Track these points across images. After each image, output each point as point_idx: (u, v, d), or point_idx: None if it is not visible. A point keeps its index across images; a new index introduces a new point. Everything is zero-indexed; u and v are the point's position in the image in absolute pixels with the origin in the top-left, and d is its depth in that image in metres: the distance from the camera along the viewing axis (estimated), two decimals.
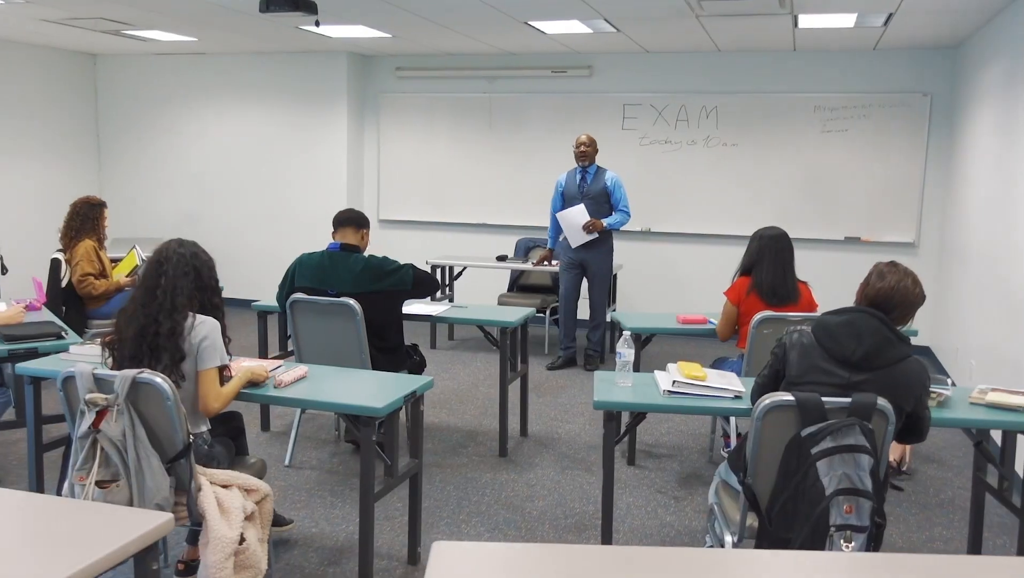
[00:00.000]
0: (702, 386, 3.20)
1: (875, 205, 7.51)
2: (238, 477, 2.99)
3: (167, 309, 2.90)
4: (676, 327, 4.70)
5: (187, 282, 2.97)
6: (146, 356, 2.88)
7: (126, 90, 9.27)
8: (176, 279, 2.95)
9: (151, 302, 2.92)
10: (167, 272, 2.96)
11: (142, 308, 2.93)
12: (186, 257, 3.01)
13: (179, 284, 2.95)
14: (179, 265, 2.98)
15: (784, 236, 4.34)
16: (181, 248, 3.03)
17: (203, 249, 3.10)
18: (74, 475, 2.74)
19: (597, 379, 3.43)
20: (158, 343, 2.88)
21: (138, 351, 2.90)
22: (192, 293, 2.98)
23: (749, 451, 2.72)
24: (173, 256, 3.00)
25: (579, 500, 4.20)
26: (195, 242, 3.10)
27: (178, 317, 2.91)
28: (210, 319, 3.00)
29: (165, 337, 2.88)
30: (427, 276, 4.47)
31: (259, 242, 8.99)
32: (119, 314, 3.01)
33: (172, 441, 2.79)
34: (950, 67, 7.21)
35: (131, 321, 2.94)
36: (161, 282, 2.94)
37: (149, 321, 2.90)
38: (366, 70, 8.78)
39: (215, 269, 3.09)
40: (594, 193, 6.54)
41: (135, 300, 2.98)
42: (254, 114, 8.89)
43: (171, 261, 2.98)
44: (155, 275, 2.97)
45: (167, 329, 2.88)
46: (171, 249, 3.02)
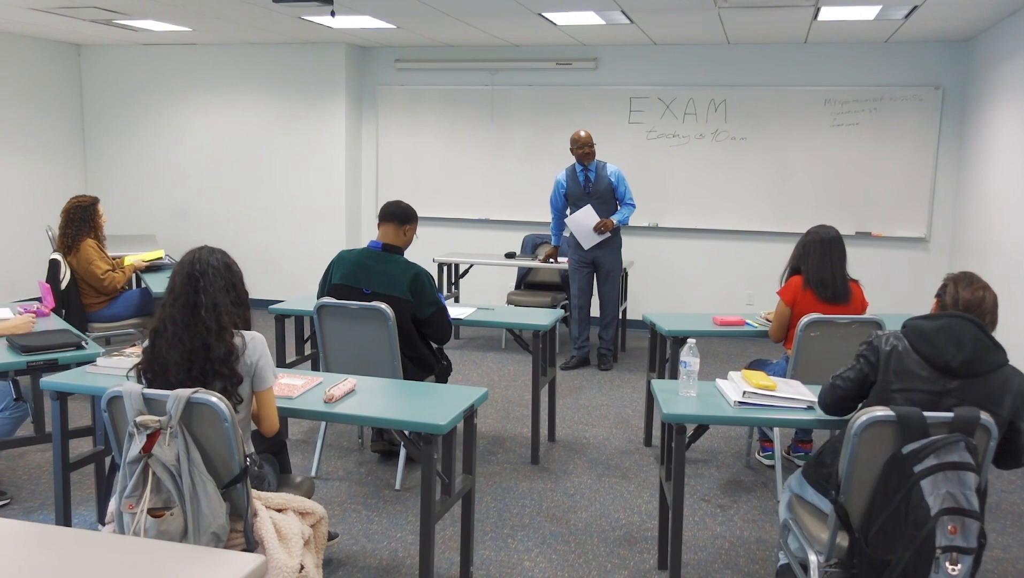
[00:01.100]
0: (773, 396, 3.06)
1: (886, 200, 7.44)
2: (292, 499, 2.80)
3: (215, 331, 2.65)
4: (713, 329, 4.56)
5: (226, 298, 2.70)
6: (194, 383, 2.64)
7: (112, 81, 8.95)
8: (216, 295, 2.68)
9: (196, 323, 2.65)
10: (205, 288, 2.68)
11: (185, 329, 2.65)
12: (221, 270, 2.73)
13: (220, 301, 2.68)
14: (216, 279, 2.70)
15: (832, 232, 4.23)
16: (213, 258, 2.74)
17: (227, 255, 2.82)
18: (123, 503, 2.53)
19: (658, 389, 3.28)
20: (211, 369, 2.64)
21: (186, 377, 2.64)
22: (231, 311, 2.72)
23: (843, 468, 2.59)
24: (208, 269, 2.71)
25: (623, 510, 4.06)
26: (223, 252, 2.84)
27: (228, 337, 2.66)
28: (258, 335, 2.79)
29: (219, 362, 2.64)
30: (446, 325, 4.20)
31: (252, 239, 8.73)
32: (153, 336, 2.73)
33: (227, 465, 2.59)
34: (962, 61, 7.14)
35: (174, 345, 2.65)
36: (202, 300, 2.67)
37: (197, 345, 2.64)
38: (364, 62, 8.55)
39: (243, 281, 2.84)
40: (600, 191, 6.38)
41: (174, 321, 2.68)
42: (247, 107, 8.62)
43: (207, 275, 2.70)
44: (192, 291, 2.69)
45: (221, 353, 2.64)
46: (204, 260, 2.73)
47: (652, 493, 4.26)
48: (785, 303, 4.23)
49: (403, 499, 4.14)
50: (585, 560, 3.56)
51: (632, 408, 5.69)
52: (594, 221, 6.31)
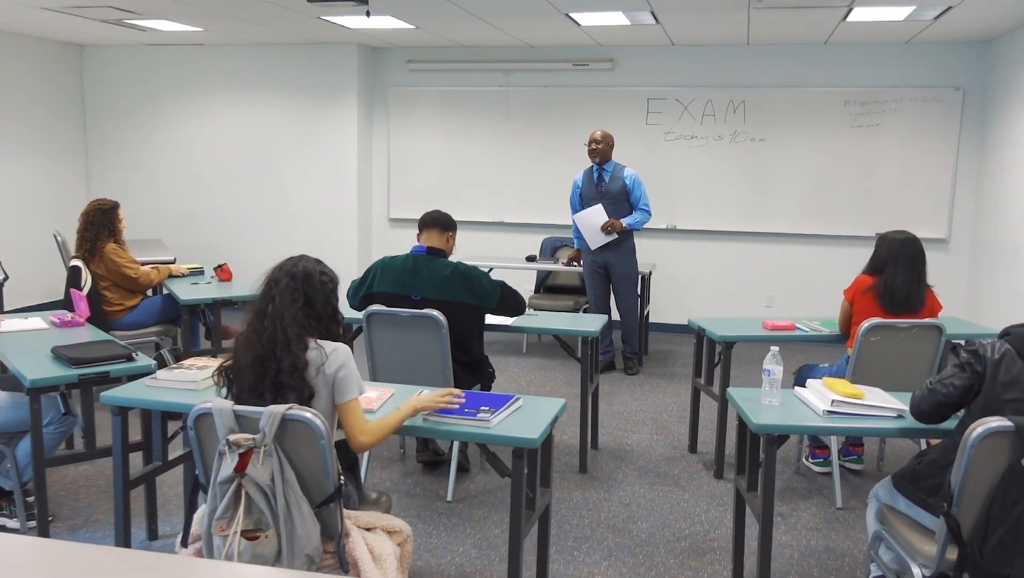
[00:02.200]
0: (862, 405, 3.00)
1: (906, 201, 7.43)
2: (380, 518, 2.70)
3: (282, 342, 2.55)
4: (763, 334, 4.49)
5: (295, 311, 2.59)
6: (268, 391, 2.54)
7: (116, 82, 8.76)
8: (283, 307, 2.58)
9: (263, 330, 2.57)
10: (275, 298, 2.60)
11: (255, 335, 2.58)
12: (296, 282, 2.62)
13: (286, 313, 2.57)
14: (287, 292, 2.60)
15: (915, 241, 4.14)
16: (295, 270, 2.64)
17: (324, 270, 2.70)
18: (214, 525, 2.42)
19: (739, 398, 3.20)
20: (280, 380, 2.54)
21: (258, 383, 2.55)
22: (303, 322, 2.60)
23: (957, 480, 2.52)
24: (283, 279, 2.62)
25: (683, 520, 3.98)
26: (318, 261, 2.73)
27: (296, 350, 2.55)
28: (342, 345, 2.67)
29: (287, 374, 2.53)
30: (516, 295, 4.20)
31: (262, 243, 8.58)
32: (236, 337, 2.67)
33: (321, 484, 2.48)
34: (982, 62, 7.14)
35: (247, 348, 2.59)
36: (268, 309, 2.59)
37: (267, 353, 2.54)
38: (375, 62, 8.43)
39: (334, 294, 2.72)
40: (612, 193, 6.30)
41: (250, 325, 2.63)
42: (256, 109, 8.47)
43: (280, 283, 2.61)
44: (264, 299, 2.62)
45: (288, 365, 2.53)
46: (284, 268, 2.65)
47: (708, 501, 4.19)
48: (846, 300, 4.20)
49: (457, 511, 4.04)
50: (657, 573, 3.47)
51: (668, 413, 5.62)
52: (602, 220, 6.23)
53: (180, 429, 3.42)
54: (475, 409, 2.89)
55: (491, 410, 2.87)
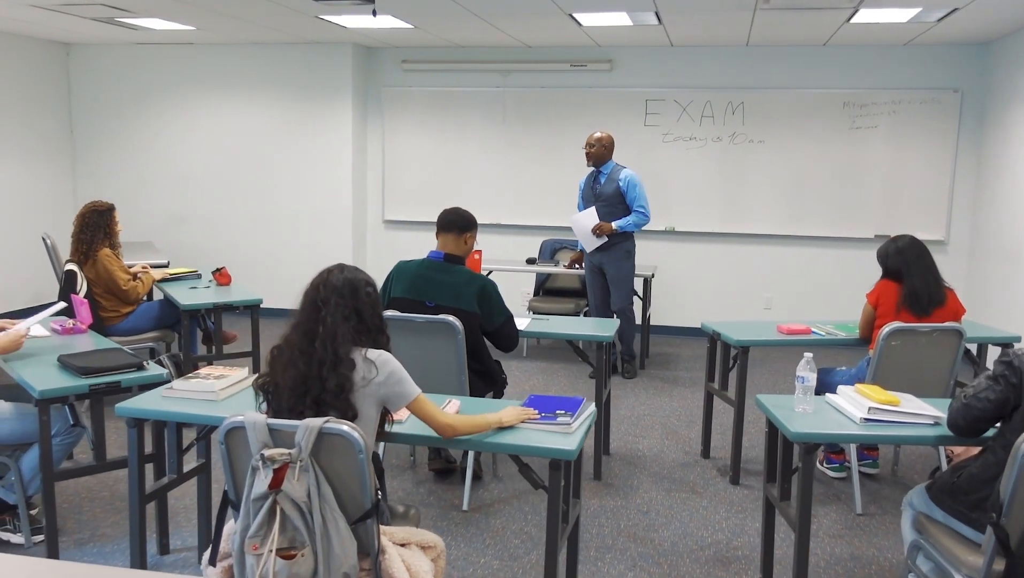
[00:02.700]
0: (899, 412, 2.95)
1: (905, 203, 7.43)
2: (415, 533, 2.61)
3: (330, 361, 2.46)
4: (779, 338, 4.44)
5: (348, 328, 2.51)
6: (309, 410, 2.45)
7: (103, 82, 8.59)
8: (336, 325, 2.49)
9: (311, 351, 2.48)
10: (325, 318, 2.50)
11: (300, 354, 2.49)
12: (346, 296, 2.54)
13: (339, 330, 2.49)
14: (339, 308, 2.52)
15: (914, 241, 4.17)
16: (340, 285, 2.55)
17: (367, 280, 2.62)
18: (247, 543, 2.33)
19: (771, 405, 3.14)
20: (324, 399, 2.45)
21: (298, 403, 2.46)
22: (354, 338, 2.53)
23: (1007, 491, 2.48)
24: (332, 296, 2.53)
25: (704, 528, 3.92)
26: (356, 268, 2.64)
27: (344, 370, 2.47)
28: (386, 354, 2.58)
29: (331, 394, 2.45)
30: (515, 333, 4.07)
31: (254, 246, 8.45)
32: (273, 352, 2.57)
33: (358, 499, 2.39)
34: (981, 64, 7.15)
35: (288, 366, 2.49)
36: (319, 330, 2.49)
37: (311, 372, 2.46)
38: (369, 62, 8.32)
39: (379, 302, 2.65)
40: (607, 195, 6.21)
41: (291, 343, 2.52)
42: (248, 109, 8.33)
43: (329, 303, 2.52)
44: (312, 317, 2.52)
45: (333, 385, 2.44)
46: (330, 284, 2.55)
47: (728, 509, 4.14)
48: (869, 302, 4.18)
49: (474, 520, 3.95)
50: None
51: (676, 417, 5.57)
52: (592, 223, 6.17)
53: (195, 440, 3.31)
54: (551, 413, 2.82)
55: (568, 414, 2.81)
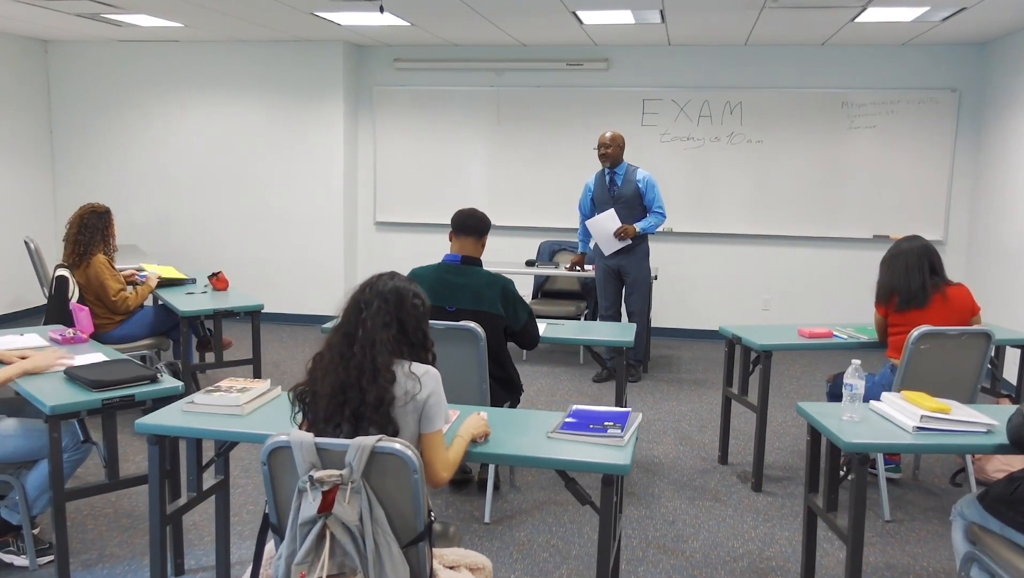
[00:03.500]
0: (953, 420, 2.87)
1: (903, 202, 7.42)
2: (464, 555, 2.50)
3: (369, 371, 2.32)
4: (801, 342, 4.36)
5: (387, 336, 2.37)
6: (347, 422, 2.32)
7: (83, 80, 8.34)
8: (375, 332, 2.35)
9: (349, 356, 2.34)
10: (365, 322, 2.37)
11: (340, 359, 2.35)
12: (391, 302, 2.41)
13: (378, 338, 2.35)
14: (379, 315, 2.37)
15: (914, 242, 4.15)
16: (386, 290, 2.42)
17: (416, 292, 2.48)
18: (294, 570, 2.18)
19: (816, 413, 3.05)
20: (363, 412, 2.31)
21: (336, 413, 2.33)
22: (394, 348, 2.39)
23: None
24: (374, 300, 2.39)
25: (734, 538, 3.83)
26: (409, 279, 2.50)
27: (383, 382, 2.32)
28: (432, 370, 2.45)
29: (371, 407, 2.31)
30: (536, 330, 3.99)
31: (243, 248, 8.25)
32: (314, 360, 2.43)
33: (410, 521, 2.26)
34: (978, 64, 7.15)
35: (328, 373, 2.36)
36: (359, 334, 2.36)
37: (350, 381, 2.32)
38: (360, 61, 8.15)
39: (426, 318, 2.50)
40: (626, 196, 6.14)
41: (332, 348, 2.39)
42: (236, 108, 8.12)
43: (372, 306, 2.38)
44: (353, 322, 2.39)
45: (373, 398, 2.30)
46: (376, 288, 2.42)
47: (754, 517, 4.05)
48: (879, 313, 4.14)
49: (498, 533, 3.83)
50: None
51: (687, 422, 5.48)
52: (615, 226, 6.07)
53: (215, 457, 3.15)
54: (600, 425, 2.71)
55: (618, 426, 2.69)
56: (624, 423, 2.76)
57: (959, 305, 4.11)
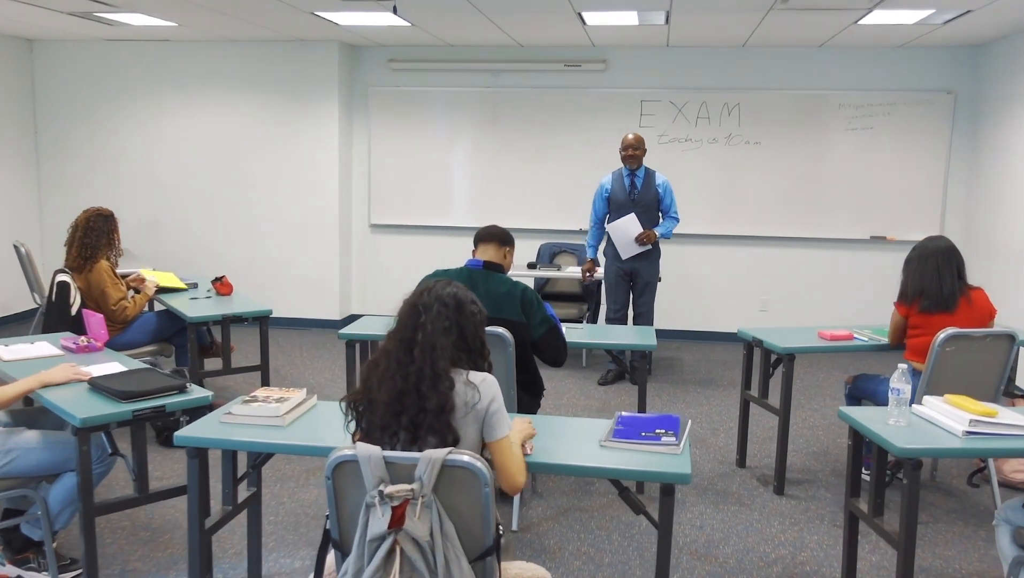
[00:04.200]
0: (1002, 424, 2.86)
1: (899, 204, 7.47)
2: (527, 568, 2.44)
3: (429, 377, 2.26)
4: (823, 344, 4.36)
5: (447, 342, 2.32)
6: (404, 431, 2.26)
7: (70, 80, 8.16)
8: (435, 337, 2.30)
9: (408, 362, 2.28)
10: (425, 326, 2.31)
11: (398, 367, 2.29)
12: (450, 307, 2.36)
13: (438, 343, 2.30)
14: (439, 319, 2.32)
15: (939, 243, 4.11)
16: (445, 294, 2.37)
17: (474, 299, 2.44)
18: None
19: (863, 418, 3.04)
20: (423, 421, 2.24)
21: (392, 421, 2.26)
22: (453, 357, 2.34)
23: None
24: (433, 304, 2.34)
25: (763, 543, 3.81)
26: (464, 288, 2.45)
27: (443, 389, 2.26)
28: (491, 377, 2.40)
29: (432, 415, 2.24)
30: (563, 344, 3.81)
31: (234, 252, 8.11)
32: (369, 367, 2.37)
33: (478, 535, 2.20)
34: (974, 66, 7.21)
35: (385, 380, 2.29)
36: (418, 338, 2.30)
37: (408, 388, 2.25)
38: (355, 61, 8.05)
39: (483, 326, 2.44)
40: (646, 201, 6.15)
41: (388, 354, 2.34)
42: (228, 109, 7.99)
43: (431, 310, 2.33)
44: (411, 326, 2.33)
45: (434, 405, 2.24)
46: (434, 294, 2.37)
47: (780, 521, 4.04)
48: (899, 313, 4.10)
49: (528, 542, 3.77)
50: None
51: (700, 425, 5.46)
52: (637, 231, 6.06)
53: (250, 469, 3.07)
54: (652, 433, 2.66)
55: (671, 433, 2.65)
56: (676, 430, 2.72)
57: (981, 308, 4.12)
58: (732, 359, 7.21)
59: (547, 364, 3.90)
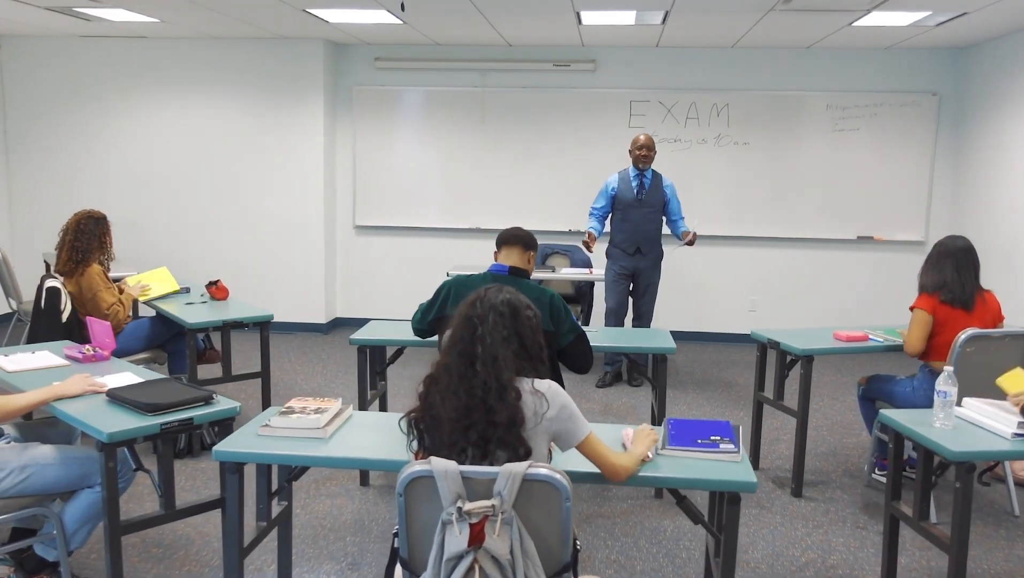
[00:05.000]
0: None
1: (886, 204, 7.54)
2: None
3: (495, 390, 2.18)
4: (840, 346, 4.35)
5: (508, 352, 2.24)
6: (473, 448, 2.17)
7: (41, 78, 7.88)
8: (495, 348, 2.22)
9: (471, 376, 2.20)
10: (483, 338, 2.23)
11: (461, 381, 2.20)
12: (506, 316, 2.27)
13: (500, 354, 2.21)
14: (497, 329, 2.24)
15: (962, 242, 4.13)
16: (499, 303, 2.28)
17: (527, 303, 2.34)
18: None
19: (908, 421, 3.02)
20: (492, 435, 2.16)
21: (460, 437, 2.18)
22: (516, 366, 2.25)
23: None
24: (488, 315, 2.26)
25: (790, 546, 3.78)
26: (515, 291, 2.37)
27: (510, 400, 2.18)
28: (553, 383, 2.32)
29: (503, 428, 2.16)
30: (589, 351, 3.68)
31: (215, 254, 7.91)
32: (427, 383, 2.28)
33: (554, 552, 2.13)
34: (958, 68, 7.30)
35: (448, 396, 2.20)
36: (478, 351, 2.22)
37: (475, 402, 2.17)
38: (339, 59, 7.89)
39: (540, 331, 2.35)
40: (652, 202, 6.15)
41: (449, 370, 2.24)
42: (207, 108, 7.78)
43: (487, 321, 2.25)
44: (469, 339, 2.24)
45: (504, 418, 2.16)
46: (487, 302, 2.28)
47: (804, 524, 4.01)
48: (926, 312, 4.07)
49: None
50: None
51: None
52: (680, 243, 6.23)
53: (285, 482, 2.94)
54: (706, 438, 2.60)
55: (729, 440, 2.59)
56: (732, 436, 2.67)
57: (994, 310, 4.15)
58: (725, 359, 7.22)
59: (573, 371, 3.81)
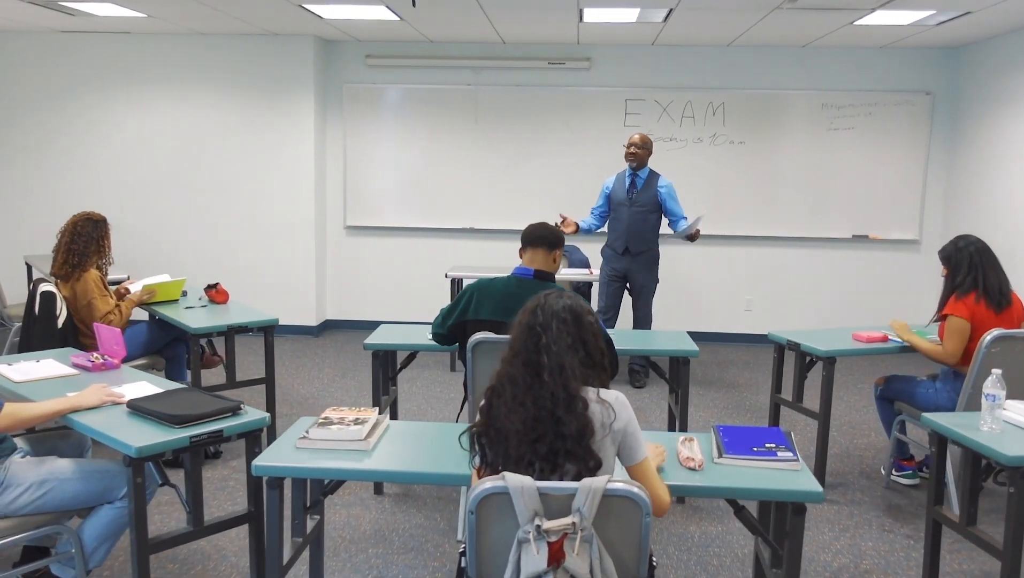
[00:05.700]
0: None
1: (881, 203, 7.55)
2: None
3: (563, 399, 2.08)
4: (861, 347, 4.31)
5: (574, 361, 2.14)
6: (542, 461, 2.07)
7: (19, 74, 7.63)
8: (561, 357, 2.12)
9: (539, 386, 2.10)
10: (549, 348, 2.13)
11: (527, 392, 2.10)
12: (568, 322, 2.17)
13: (566, 363, 2.12)
14: (561, 337, 2.14)
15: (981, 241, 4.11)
16: (560, 309, 2.18)
17: (588, 308, 2.25)
18: None
19: (955, 425, 2.97)
20: (561, 447, 2.07)
21: (528, 451, 2.08)
22: (582, 374, 2.15)
23: None
24: (552, 322, 2.16)
25: (822, 551, 3.74)
26: (575, 295, 2.28)
27: (579, 410, 2.09)
28: (621, 395, 2.23)
29: (573, 440, 2.07)
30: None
31: (203, 255, 7.71)
32: (490, 395, 2.17)
33: (630, 568, 2.04)
34: (952, 68, 7.33)
35: (514, 409, 2.10)
36: (544, 361, 2.11)
37: (543, 414, 2.07)
38: (329, 57, 7.73)
39: (602, 337, 2.25)
40: (643, 201, 6.07)
41: (514, 381, 2.13)
42: (194, 105, 7.58)
43: (550, 329, 2.14)
44: (533, 349, 2.14)
45: (574, 430, 2.07)
46: (549, 308, 2.18)
47: (830, 527, 3.97)
48: (964, 319, 4.01)
49: None
50: None
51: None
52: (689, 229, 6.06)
53: (321, 496, 2.82)
54: (761, 446, 2.52)
55: (785, 448, 2.52)
56: (788, 444, 2.60)
57: (1019, 311, 4.13)
58: (723, 359, 7.19)
59: None
